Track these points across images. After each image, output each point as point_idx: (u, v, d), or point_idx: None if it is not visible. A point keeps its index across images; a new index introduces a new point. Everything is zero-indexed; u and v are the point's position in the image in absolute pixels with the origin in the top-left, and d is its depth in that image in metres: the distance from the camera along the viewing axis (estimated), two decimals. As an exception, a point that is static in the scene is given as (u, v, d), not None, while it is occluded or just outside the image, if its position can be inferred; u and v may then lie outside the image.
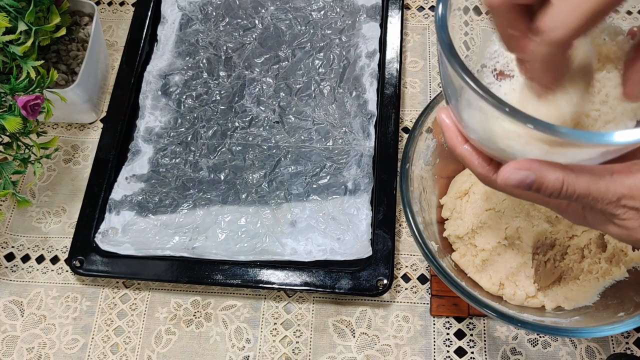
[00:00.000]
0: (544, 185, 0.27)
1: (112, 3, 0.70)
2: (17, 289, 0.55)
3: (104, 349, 0.52)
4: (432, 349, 0.51)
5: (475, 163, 0.31)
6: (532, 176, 0.27)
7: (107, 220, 0.56)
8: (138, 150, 0.59)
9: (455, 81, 0.27)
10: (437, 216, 0.51)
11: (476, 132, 0.29)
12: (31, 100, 0.47)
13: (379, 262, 0.52)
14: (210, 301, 0.54)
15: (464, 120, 0.29)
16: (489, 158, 0.30)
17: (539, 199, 0.31)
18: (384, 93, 0.60)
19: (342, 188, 0.56)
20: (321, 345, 0.52)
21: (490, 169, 0.30)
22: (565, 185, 0.27)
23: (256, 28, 0.66)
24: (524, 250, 0.46)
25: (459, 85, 0.27)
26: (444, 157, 0.51)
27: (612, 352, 0.50)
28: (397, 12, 0.64)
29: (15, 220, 0.59)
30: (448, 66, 0.27)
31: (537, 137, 0.25)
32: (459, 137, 0.31)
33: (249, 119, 0.61)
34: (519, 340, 0.51)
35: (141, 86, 0.63)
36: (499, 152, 0.29)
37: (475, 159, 0.31)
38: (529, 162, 0.27)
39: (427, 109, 0.47)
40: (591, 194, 0.27)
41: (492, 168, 0.30)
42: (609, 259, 0.46)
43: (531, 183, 0.27)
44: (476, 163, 0.31)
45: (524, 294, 0.46)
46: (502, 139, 0.27)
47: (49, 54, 0.59)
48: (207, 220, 0.56)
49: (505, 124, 0.26)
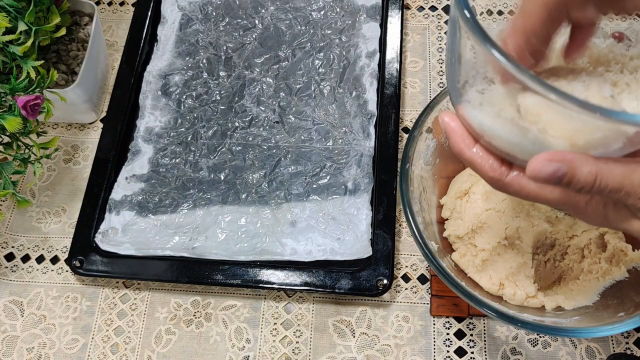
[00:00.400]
0: (575, 178, 0.26)
1: (112, 3, 0.70)
2: (17, 289, 0.55)
3: (104, 349, 0.52)
4: (432, 349, 0.51)
5: (486, 166, 0.29)
6: (564, 168, 0.25)
7: (107, 220, 0.56)
8: (138, 150, 0.59)
9: (482, 70, 0.26)
10: (437, 216, 0.51)
11: (494, 129, 0.28)
12: (31, 100, 0.47)
13: (379, 262, 0.52)
14: (210, 301, 0.54)
15: (479, 117, 0.28)
16: (501, 160, 0.29)
17: (560, 198, 0.29)
18: (384, 93, 0.60)
19: (342, 188, 0.56)
20: (321, 345, 0.52)
21: (504, 170, 0.29)
22: (598, 178, 0.26)
23: (256, 28, 0.66)
24: (524, 250, 0.46)
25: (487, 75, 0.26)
26: (444, 157, 0.51)
27: (612, 352, 0.50)
28: (397, 12, 0.64)
29: (15, 220, 0.59)
30: (480, 53, 0.25)
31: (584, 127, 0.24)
32: (467, 140, 0.30)
33: (249, 119, 0.61)
34: (519, 340, 0.51)
35: (141, 86, 0.63)
36: (521, 150, 0.27)
37: (487, 162, 0.29)
38: (561, 153, 0.26)
39: (427, 109, 0.47)
40: (624, 188, 0.26)
41: (505, 170, 0.29)
42: (609, 259, 0.46)
43: (562, 176, 0.26)
44: (487, 166, 0.29)
45: (524, 294, 0.46)
46: (531, 132, 0.26)
47: (49, 54, 0.59)
48: (207, 220, 0.56)
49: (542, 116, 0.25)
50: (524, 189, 0.29)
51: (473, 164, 0.30)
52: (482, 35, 0.25)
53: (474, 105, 0.28)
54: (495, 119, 0.27)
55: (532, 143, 0.27)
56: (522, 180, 0.29)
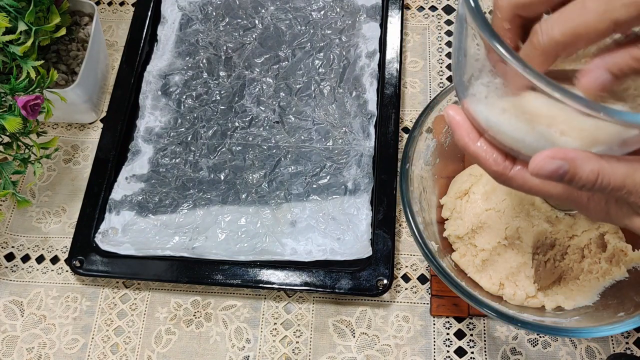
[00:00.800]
0: (577, 176, 0.26)
1: (112, 3, 0.70)
2: (17, 289, 0.55)
3: (104, 349, 0.52)
4: (432, 349, 0.51)
5: (490, 160, 0.30)
6: (566, 166, 0.26)
7: (107, 220, 0.56)
8: (138, 150, 0.59)
9: (485, 63, 0.26)
10: (437, 216, 0.51)
11: (499, 124, 0.28)
12: (31, 100, 0.47)
13: (379, 262, 0.52)
14: (210, 301, 0.54)
15: (485, 112, 0.29)
16: (505, 154, 0.29)
17: (563, 193, 0.29)
18: (384, 93, 0.60)
19: (342, 188, 0.56)
20: (321, 345, 0.52)
21: (507, 165, 0.29)
22: (600, 177, 0.26)
23: (256, 28, 0.66)
24: (524, 250, 0.46)
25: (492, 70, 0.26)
26: (444, 157, 0.51)
27: (612, 352, 0.50)
28: (397, 12, 0.64)
29: (15, 220, 0.59)
30: (481, 45, 0.26)
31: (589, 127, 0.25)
32: (472, 134, 0.30)
33: (249, 119, 0.61)
34: (519, 340, 0.51)
35: (141, 86, 0.63)
36: (525, 145, 0.28)
37: (490, 156, 0.30)
38: (564, 151, 0.26)
39: (427, 109, 0.47)
40: (626, 187, 0.26)
41: (508, 164, 0.29)
42: (609, 259, 0.46)
43: (564, 174, 0.26)
44: (491, 160, 0.29)
45: (524, 294, 0.46)
46: (536, 128, 0.26)
47: (49, 54, 0.59)
48: (207, 220, 0.56)
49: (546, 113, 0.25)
50: (527, 183, 0.29)
51: (477, 158, 0.30)
52: (487, 30, 0.25)
53: (479, 99, 0.29)
54: (501, 114, 0.28)
55: (535, 139, 0.27)
56: (525, 174, 0.29)
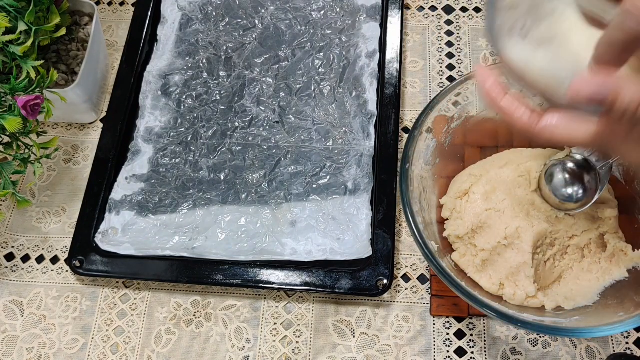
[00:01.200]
0: (620, 97, 0.24)
1: (112, 3, 0.70)
2: (17, 289, 0.55)
3: (104, 349, 0.52)
4: (432, 349, 0.51)
5: (519, 112, 0.30)
6: (608, 86, 0.24)
7: (107, 220, 0.56)
8: (138, 150, 0.59)
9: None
10: (437, 216, 0.51)
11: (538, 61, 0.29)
12: (31, 100, 0.47)
13: (379, 262, 0.52)
14: (210, 301, 0.54)
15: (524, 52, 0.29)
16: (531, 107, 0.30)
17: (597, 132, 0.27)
18: (384, 93, 0.60)
19: (342, 188, 0.56)
20: (321, 345, 0.52)
21: (535, 115, 0.30)
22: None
23: (256, 28, 0.66)
24: (524, 250, 0.46)
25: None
26: (444, 157, 0.51)
27: (612, 352, 0.50)
28: (397, 12, 0.64)
29: (15, 220, 0.59)
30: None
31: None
32: (499, 90, 0.31)
33: (249, 119, 0.61)
34: (519, 340, 0.51)
35: (141, 86, 0.63)
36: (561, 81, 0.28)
37: (519, 108, 0.30)
38: (604, 75, 0.25)
39: (427, 109, 0.47)
40: None
41: (536, 116, 0.30)
42: (609, 259, 0.46)
43: (605, 96, 0.24)
44: (520, 112, 0.30)
45: (524, 294, 0.46)
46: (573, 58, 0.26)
47: (49, 54, 0.59)
48: (207, 220, 0.56)
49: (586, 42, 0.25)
50: (558, 128, 0.29)
51: (506, 111, 0.31)
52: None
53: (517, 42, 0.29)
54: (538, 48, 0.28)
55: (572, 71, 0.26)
56: (554, 120, 0.29)
